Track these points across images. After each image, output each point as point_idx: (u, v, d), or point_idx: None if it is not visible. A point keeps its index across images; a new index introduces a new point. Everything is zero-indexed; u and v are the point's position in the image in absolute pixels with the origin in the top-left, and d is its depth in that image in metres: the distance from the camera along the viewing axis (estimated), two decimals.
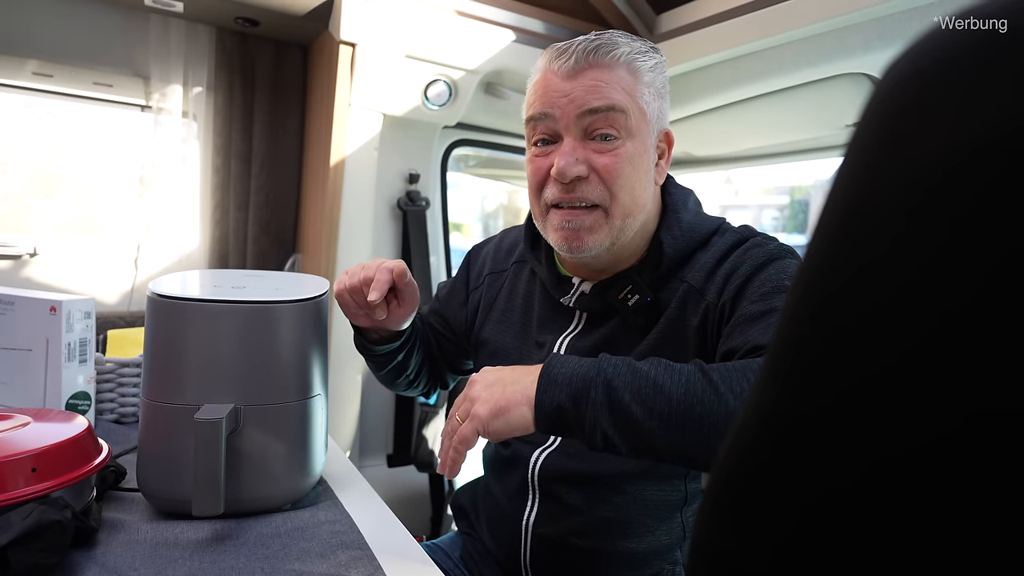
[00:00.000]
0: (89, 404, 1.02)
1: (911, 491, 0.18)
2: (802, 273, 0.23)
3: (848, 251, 0.20)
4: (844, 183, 0.22)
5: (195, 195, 1.66)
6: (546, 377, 0.64)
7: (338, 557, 0.66)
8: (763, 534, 0.22)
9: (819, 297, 0.21)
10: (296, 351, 0.76)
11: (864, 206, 0.20)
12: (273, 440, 0.74)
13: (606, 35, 0.77)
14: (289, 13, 1.48)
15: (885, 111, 0.21)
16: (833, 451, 0.20)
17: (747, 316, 0.70)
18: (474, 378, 0.68)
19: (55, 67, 1.48)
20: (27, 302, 0.98)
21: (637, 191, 0.78)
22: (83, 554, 0.62)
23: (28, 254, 1.50)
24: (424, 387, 1.08)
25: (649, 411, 0.60)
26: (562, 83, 0.76)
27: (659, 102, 0.79)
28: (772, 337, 0.24)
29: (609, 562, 0.82)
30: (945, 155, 0.18)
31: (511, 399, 0.64)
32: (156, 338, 0.73)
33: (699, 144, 1.85)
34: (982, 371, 0.16)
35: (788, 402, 0.22)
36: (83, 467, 0.66)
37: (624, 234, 0.79)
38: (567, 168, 0.75)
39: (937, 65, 0.19)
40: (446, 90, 1.57)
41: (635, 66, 0.76)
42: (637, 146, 0.77)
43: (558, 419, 0.63)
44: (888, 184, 0.19)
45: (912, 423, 0.18)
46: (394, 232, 1.76)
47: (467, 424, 0.65)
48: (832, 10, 1.11)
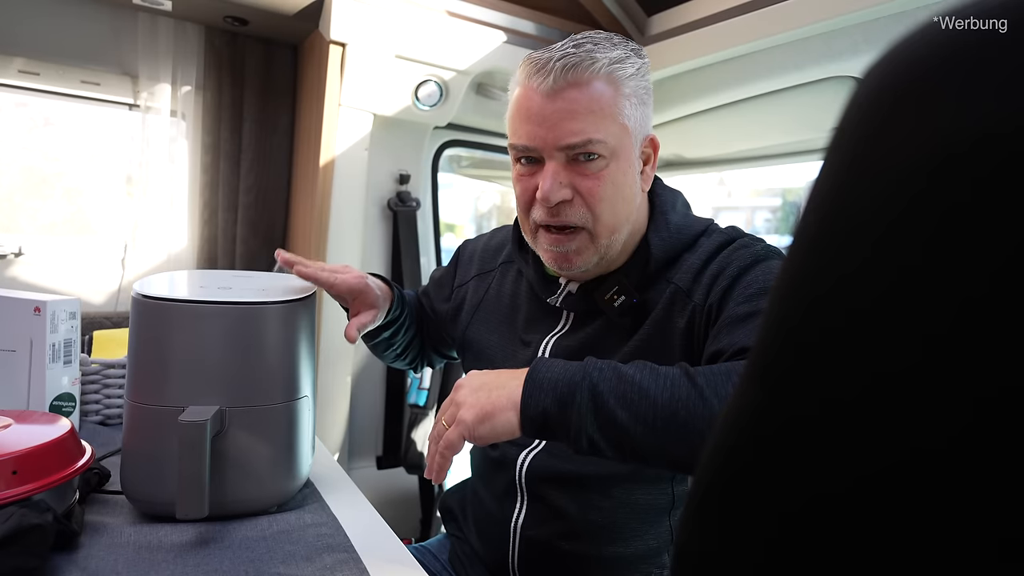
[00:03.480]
0: (74, 406, 1.01)
1: (903, 498, 0.17)
2: (785, 276, 0.22)
3: (832, 255, 0.20)
4: (826, 184, 0.21)
5: (183, 195, 1.65)
6: (531, 381, 0.64)
7: (324, 560, 0.66)
8: (747, 538, 0.22)
9: (805, 301, 0.21)
10: (282, 353, 0.76)
11: (848, 207, 0.20)
12: (259, 442, 0.74)
13: (585, 44, 0.76)
14: (279, 12, 1.47)
15: (867, 110, 0.21)
16: (823, 457, 0.19)
17: (733, 318, 0.70)
18: (460, 383, 0.68)
19: (42, 65, 1.46)
20: (11, 302, 0.97)
21: (620, 208, 0.79)
22: (65, 558, 0.62)
23: (13, 254, 1.48)
24: (411, 362, 1.12)
25: (634, 415, 0.60)
26: (542, 103, 0.76)
27: (641, 109, 0.79)
28: (754, 339, 0.23)
29: (597, 566, 0.82)
30: (924, 157, 0.18)
31: (496, 404, 0.64)
32: (140, 339, 0.73)
33: (689, 146, 1.85)
34: (978, 374, 0.16)
35: (774, 406, 0.22)
36: (65, 469, 0.65)
37: (612, 248, 0.81)
38: (551, 194, 0.76)
39: (917, 66, 0.19)
40: (437, 90, 1.56)
41: (615, 76, 0.76)
42: (621, 164, 0.78)
43: (543, 423, 0.63)
44: (869, 186, 0.19)
45: (904, 430, 0.17)
46: (384, 233, 1.75)
47: (453, 429, 0.65)
48: (820, 14, 1.11)
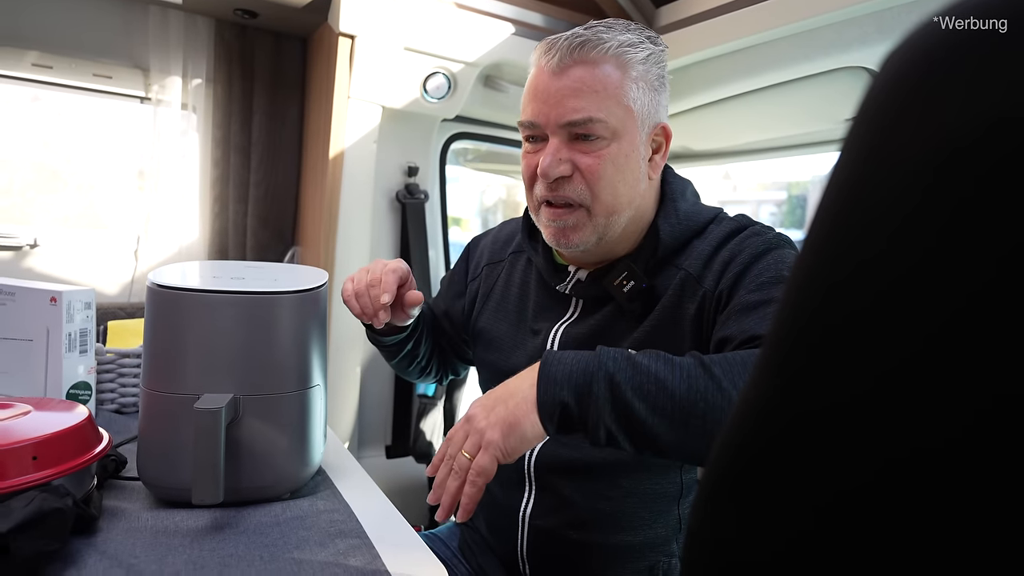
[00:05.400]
0: (90, 394, 1.02)
1: (927, 489, 0.17)
2: (802, 264, 0.22)
3: (852, 241, 0.20)
4: (844, 173, 0.22)
5: (195, 187, 1.66)
6: (545, 378, 0.64)
7: (337, 546, 0.67)
8: (764, 526, 0.22)
9: (824, 286, 0.21)
10: (295, 342, 0.77)
11: (865, 196, 0.20)
12: (272, 430, 0.75)
13: (597, 26, 0.77)
14: (288, 5, 1.48)
15: (882, 102, 0.21)
16: (843, 448, 0.19)
17: (744, 305, 0.70)
18: (469, 413, 0.67)
19: (54, 58, 1.48)
20: (28, 292, 0.98)
21: (620, 190, 0.79)
22: (84, 542, 0.63)
23: (28, 245, 1.50)
24: (437, 374, 1.11)
25: (652, 408, 0.60)
26: (549, 81, 0.77)
27: (652, 95, 0.79)
28: (770, 328, 0.23)
29: (606, 554, 0.83)
30: (937, 150, 0.18)
31: (516, 412, 0.63)
32: (156, 328, 0.74)
33: (697, 138, 1.85)
34: (1001, 359, 0.16)
35: (792, 395, 0.22)
36: (83, 456, 0.67)
37: (611, 230, 0.80)
38: (550, 169, 0.77)
39: (931, 58, 0.19)
40: (445, 83, 1.57)
41: (624, 59, 0.76)
42: (623, 146, 0.78)
43: (563, 418, 0.63)
44: (887, 175, 0.20)
45: (930, 418, 0.17)
46: (393, 225, 1.76)
47: (482, 455, 0.62)
48: (830, 4, 1.10)
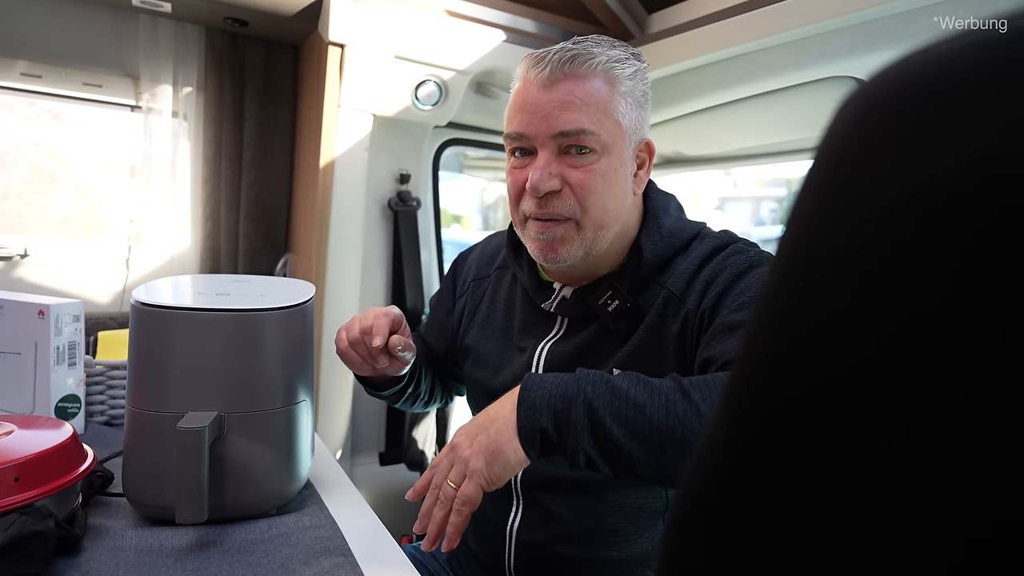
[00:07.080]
0: (79, 407, 1.02)
1: (884, 491, 0.18)
2: (774, 271, 0.23)
3: (804, 267, 0.21)
4: (803, 203, 0.22)
5: (186, 195, 1.66)
6: (524, 403, 0.64)
7: (321, 564, 0.67)
8: (730, 551, 0.22)
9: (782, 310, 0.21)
10: (280, 358, 0.77)
11: (818, 228, 0.21)
12: (257, 447, 0.75)
13: (585, 42, 0.77)
14: (278, 13, 1.48)
15: (840, 143, 0.21)
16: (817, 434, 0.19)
17: (726, 326, 0.70)
18: (453, 442, 0.67)
19: (44, 67, 1.48)
20: (15, 306, 0.98)
21: (610, 204, 0.78)
22: (67, 562, 0.63)
23: (19, 255, 1.50)
24: (440, 401, 1.10)
25: (630, 434, 0.60)
26: (538, 94, 0.76)
27: (638, 112, 0.79)
28: (737, 351, 0.24)
29: (592, 569, 0.83)
30: (884, 198, 0.18)
31: (499, 439, 0.63)
32: (139, 346, 0.74)
33: (690, 144, 1.85)
34: (928, 379, 0.16)
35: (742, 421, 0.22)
36: (67, 475, 0.67)
37: (598, 245, 0.80)
38: (540, 183, 0.76)
39: (890, 102, 0.20)
40: (436, 90, 1.56)
41: (612, 75, 0.76)
42: (612, 160, 0.77)
43: (543, 443, 0.63)
44: (840, 209, 0.20)
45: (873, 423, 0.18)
46: (385, 233, 1.76)
47: (467, 484, 0.62)
48: (819, 14, 1.11)
